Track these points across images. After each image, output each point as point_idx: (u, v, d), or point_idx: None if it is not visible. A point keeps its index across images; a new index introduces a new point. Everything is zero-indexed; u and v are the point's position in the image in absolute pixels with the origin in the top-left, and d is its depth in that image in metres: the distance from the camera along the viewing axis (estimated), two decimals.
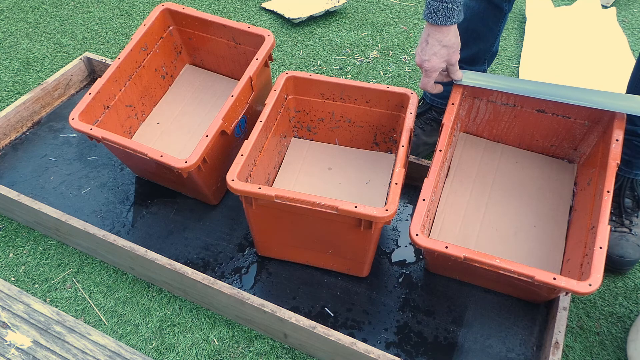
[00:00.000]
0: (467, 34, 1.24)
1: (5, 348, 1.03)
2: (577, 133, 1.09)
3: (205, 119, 1.35)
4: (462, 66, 1.28)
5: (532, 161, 1.16)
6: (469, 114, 1.15)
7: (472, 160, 1.17)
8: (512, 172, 1.15)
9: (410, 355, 1.03)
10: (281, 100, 1.19)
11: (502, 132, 1.17)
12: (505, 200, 1.11)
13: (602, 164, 0.97)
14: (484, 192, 1.12)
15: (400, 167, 0.99)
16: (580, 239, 0.94)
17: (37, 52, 1.72)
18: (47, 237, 1.24)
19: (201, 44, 1.36)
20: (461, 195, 1.11)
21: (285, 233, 1.07)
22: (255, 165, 1.09)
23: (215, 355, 1.04)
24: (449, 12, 0.94)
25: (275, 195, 0.95)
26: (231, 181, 0.97)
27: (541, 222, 1.07)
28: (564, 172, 1.14)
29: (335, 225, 0.99)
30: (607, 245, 0.86)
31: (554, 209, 1.09)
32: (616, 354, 1.05)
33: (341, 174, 1.24)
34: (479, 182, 1.14)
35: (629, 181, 1.17)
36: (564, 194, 1.11)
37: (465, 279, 1.11)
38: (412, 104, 1.10)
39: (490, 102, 1.11)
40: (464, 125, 1.19)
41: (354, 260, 1.10)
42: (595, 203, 0.94)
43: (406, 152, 1.03)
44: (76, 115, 1.13)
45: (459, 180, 1.14)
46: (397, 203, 0.94)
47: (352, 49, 1.75)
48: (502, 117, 1.13)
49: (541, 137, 1.13)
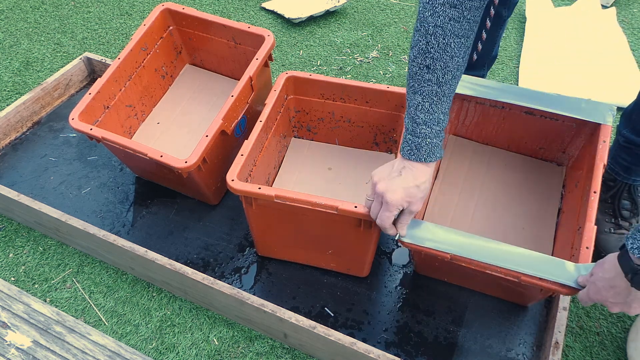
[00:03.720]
0: None
1: (5, 348, 1.03)
2: (566, 135, 1.09)
3: (205, 119, 1.35)
4: None
5: (520, 164, 1.16)
6: (457, 115, 1.15)
7: (461, 163, 1.17)
8: (500, 175, 1.15)
9: (410, 355, 1.03)
10: (281, 100, 1.19)
11: (490, 134, 1.16)
12: (494, 202, 1.11)
13: (590, 165, 0.97)
14: (473, 194, 1.12)
15: None
16: (568, 240, 0.94)
17: (37, 52, 1.72)
18: (47, 237, 1.24)
19: (201, 44, 1.36)
20: (449, 197, 1.11)
21: (285, 233, 1.07)
22: (255, 165, 1.09)
23: (215, 355, 1.04)
24: (433, 147, 0.82)
25: (275, 195, 0.95)
26: (231, 181, 0.97)
27: (529, 225, 1.07)
28: (552, 175, 1.14)
29: (335, 225, 0.99)
30: (593, 245, 0.85)
31: (542, 212, 1.09)
32: (616, 354, 1.05)
33: (341, 174, 1.24)
34: (467, 184, 1.13)
35: (626, 186, 1.17)
36: (552, 197, 1.11)
37: (452, 281, 1.11)
38: None
39: (479, 104, 1.11)
40: (453, 128, 1.19)
41: (354, 260, 1.10)
42: (582, 204, 0.94)
43: None
44: (76, 115, 1.13)
45: (448, 182, 1.14)
46: None
47: (352, 49, 1.75)
48: (491, 119, 1.13)
49: (530, 139, 1.13)
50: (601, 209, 1.20)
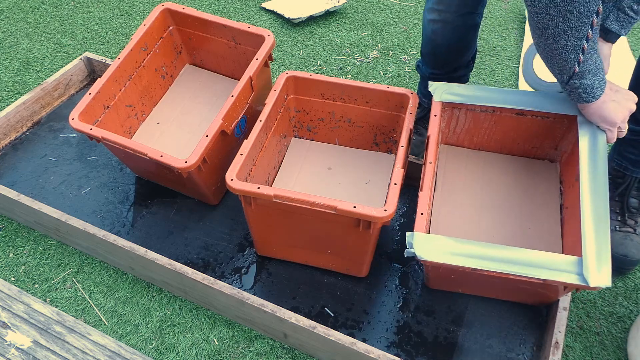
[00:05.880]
0: (448, 51, 1.24)
1: (5, 348, 1.03)
2: (557, 132, 1.09)
3: (205, 119, 1.35)
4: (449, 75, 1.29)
5: (515, 165, 1.17)
6: (448, 124, 1.15)
7: (457, 172, 1.17)
8: (497, 179, 1.15)
9: (410, 355, 1.03)
10: (281, 100, 1.19)
11: (482, 139, 1.17)
12: (496, 207, 1.11)
13: None
14: (474, 202, 1.12)
15: (399, 168, 0.99)
16: (577, 235, 0.95)
17: (37, 52, 1.72)
18: (47, 237, 1.24)
19: (201, 44, 1.36)
20: (452, 209, 1.11)
21: (284, 233, 1.07)
22: (255, 164, 1.09)
23: (215, 355, 1.04)
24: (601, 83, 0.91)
25: (274, 195, 0.95)
26: (230, 180, 0.97)
27: (535, 224, 1.07)
28: (547, 172, 1.14)
29: (334, 225, 0.99)
30: None
31: (545, 210, 1.09)
32: (616, 354, 1.05)
33: (341, 174, 1.24)
34: (467, 193, 1.13)
35: (635, 180, 1.17)
36: (552, 193, 1.11)
37: (468, 291, 1.10)
38: (412, 104, 1.10)
39: (469, 111, 1.11)
40: (444, 137, 1.19)
41: (352, 261, 1.10)
42: None
43: (405, 153, 1.03)
44: (76, 115, 1.13)
45: (447, 193, 1.14)
46: (396, 203, 0.93)
47: (352, 49, 1.75)
48: (482, 124, 1.13)
49: (522, 140, 1.14)
50: None
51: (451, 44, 1.22)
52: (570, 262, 0.85)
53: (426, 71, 1.32)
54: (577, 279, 0.83)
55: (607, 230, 0.87)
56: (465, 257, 0.88)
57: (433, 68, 1.30)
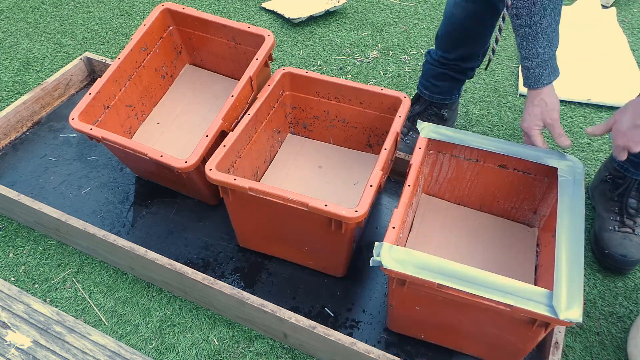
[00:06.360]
0: (463, 34, 1.24)
1: (5, 348, 1.03)
2: (538, 191, 1.09)
3: (205, 119, 1.35)
4: (457, 64, 1.29)
5: (494, 224, 1.16)
6: (431, 171, 1.15)
7: (434, 221, 1.16)
8: (475, 233, 1.14)
9: (410, 355, 1.03)
10: (276, 96, 1.19)
11: (464, 192, 1.16)
12: (469, 257, 1.10)
13: None
14: (448, 247, 1.11)
15: (378, 170, 0.98)
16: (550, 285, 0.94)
17: (37, 52, 1.72)
18: (47, 237, 1.24)
19: (201, 44, 1.36)
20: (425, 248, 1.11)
21: (262, 226, 1.08)
22: (240, 157, 1.09)
23: (215, 355, 1.04)
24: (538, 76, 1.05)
25: (249, 188, 0.95)
26: (209, 170, 0.98)
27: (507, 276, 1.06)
28: (525, 237, 1.14)
29: (307, 223, 0.98)
30: None
31: (519, 267, 1.08)
32: (616, 354, 1.05)
33: (331, 173, 1.24)
34: (441, 244, 1.12)
35: (635, 182, 1.17)
36: (527, 256, 1.10)
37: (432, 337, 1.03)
38: (403, 107, 1.10)
39: (453, 157, 1.10)
40: (426, 186, 1.19)
41: (328, 260, 1.10)
42: None
43: (388, 156, 1.02)
44: (76, 115, 1.13)
45: (421, 242, 1.13)
46: (369, 205, 0.93)
47: (352, 49, 1.75)
48: (465, 174, 1.12)
49: (502, 196, 1.13)
50: (606, 207, 1.21)
51: (470, 26, 1.22)
52: (541, 294, 0.82)
53: (437, 56, 1.31)
54: (546, 309, 0.80)
55: (580, 270, 0.84)
56: (432, 273, 0.84)
57: (445, 51, 1.29)
